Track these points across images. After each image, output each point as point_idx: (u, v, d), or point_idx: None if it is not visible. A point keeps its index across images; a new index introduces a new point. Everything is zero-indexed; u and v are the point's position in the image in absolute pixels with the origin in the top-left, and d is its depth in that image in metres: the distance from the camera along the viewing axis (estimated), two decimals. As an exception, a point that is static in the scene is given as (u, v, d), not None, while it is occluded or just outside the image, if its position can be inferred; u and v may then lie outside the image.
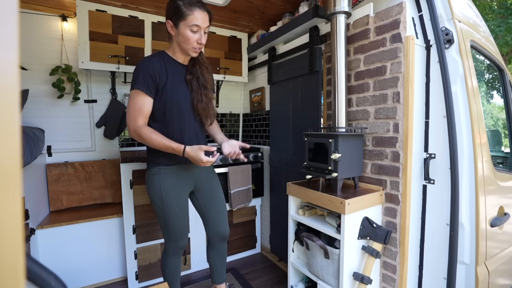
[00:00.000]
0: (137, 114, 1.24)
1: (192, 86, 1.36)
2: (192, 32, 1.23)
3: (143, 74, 1.24)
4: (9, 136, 0.23)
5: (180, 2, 1.20)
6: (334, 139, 1.33)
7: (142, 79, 1.24)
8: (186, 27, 1.22)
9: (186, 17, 1.20)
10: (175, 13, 1.22)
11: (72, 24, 2.19)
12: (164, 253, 1.50)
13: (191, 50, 1.29)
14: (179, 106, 1.33)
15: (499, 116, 4.43)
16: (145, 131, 1.24)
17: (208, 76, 1.43)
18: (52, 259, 1.87)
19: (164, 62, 1.31)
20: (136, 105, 1.25)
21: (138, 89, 1.24)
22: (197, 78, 1.37)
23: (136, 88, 1.24)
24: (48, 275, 0.36)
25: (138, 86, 1.24)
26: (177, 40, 1.28)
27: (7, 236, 0.23)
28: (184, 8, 1.19)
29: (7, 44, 0.23)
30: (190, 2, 1.20)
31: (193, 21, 1.21)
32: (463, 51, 1.28)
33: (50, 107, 2.18)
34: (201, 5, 1.22)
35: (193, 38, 1.24)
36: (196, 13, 1.21)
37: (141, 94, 1.25)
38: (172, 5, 1.23)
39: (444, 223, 1.27)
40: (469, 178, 1.26)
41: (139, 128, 1.24)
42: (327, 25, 1.76)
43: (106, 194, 2.32)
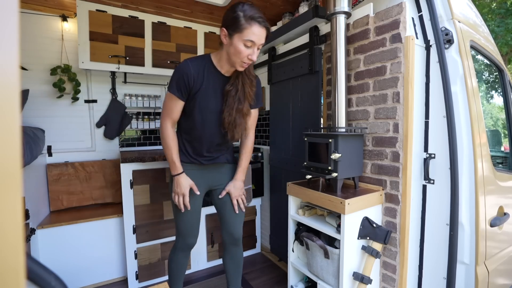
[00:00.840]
0: (167, 115, 1.32)
1: (228, 98, 1.32)
2: (246, 46, 1.17)
3: (178, 79, 1.25)
4: (10, 136, 0.23)
5: (240, 13, 1.14)
6: (334, 139, 1.33)
7: (176, 83, 1.26)
8: (241, 40, 1.15)
9: (243, 30, 1.14)
10: (232, 23, 1.15)
11: (72, 24, 2.19)
12: (173, 248, 1.54)
13: (239, 64, 1.23)
14: (204, 114, 1.32)
15: (499, 116, 4.43)
16: (167, 133, 1.33)
17: (250, 90, 1.33)
18: (52, 259, 1.87)
19: (204, 68, 1.28)
20: (168, 106, 1.31)
21: (171, 93, 1.28)
22: (236, 91, 1.31)
23: (169, 91, 1.28)
24: (49, 275, 0.37)
25: (171, 90, 1.27)
26: (227, 50, 1.22)
27: (8, 236, 0.23)
28: (243, 20, 1.13)
29: (8, 44, 0.23)
30: (251, 16, 1.13)
31: (249, 36, 1.14)
32: (463, 51, 1.28)
33: (50, 107, 2.18)
34: (261, 21, 1.15)
35: (244, 52, 1.17)
36: (254, 28, 1.14)
37: (173, 98, 1.28)
38: (231, 14, 1.16)
39: (444, 223, 1.27)
40: (469, 178, 1.26)
41: (165, 127, 1.33)
42: (327, 25, 1.76)
43: (106, 194, 2.32)
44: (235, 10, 1.16)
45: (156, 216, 2.01)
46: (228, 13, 1.18)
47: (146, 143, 2.58)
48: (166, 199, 2.04)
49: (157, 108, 2.57)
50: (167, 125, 1.33)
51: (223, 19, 1.22)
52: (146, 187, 1.96)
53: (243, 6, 1.16)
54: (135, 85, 2.48)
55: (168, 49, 2.30)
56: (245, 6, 1.15)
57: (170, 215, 2.06)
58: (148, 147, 2.58)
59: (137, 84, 2.48)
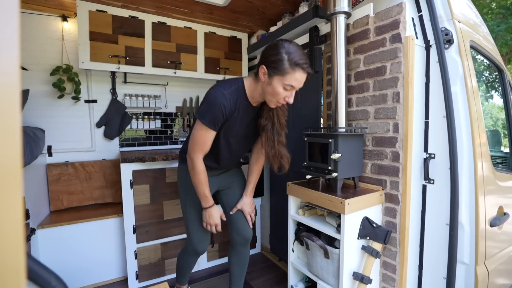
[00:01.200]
0: (199, 148, 1.25)
1: (265, 131, 1.30)
2: (284, 89, 1.12)
3: (215, 111, 1.17)
4: (10, 136, 0.23)
5: (285, 55, 1.07)
6: (334, 139, 1.33)
7: (212, 116, 1.17)
8: (281, 83, 1.10)
9: (286, 74, 1.09)
10: (275, 65, 1.09)
11: (73, 24, 2.19)
12: (184, 250, 1.62)
13: (273, 103, 1.19)
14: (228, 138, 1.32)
15: (499, 116, 4.43)
16: (199, 168, 1.28)
17: (284, 120, 1.32)
18: (52, 258, 1.87)
19: (238, 99, 1.22)
20: (201, 139, 1.24)
21: (206, 125, 1.20)
22: (272, 124, 1.28)
23: (204, 123, 1.20)
24: (49, 275, 0.37)
25: (207, 123, 1.19)
26: (264, 87, 1.16)
27: (8, 236, 0.23)
28: (287, 64, 1.07)
29: (8, 44, 0.23)
30: (297, 61, 1.07)
31: (291, 81, 1.10)
32: (462, 51, 1.28)
33: (50, 107, 2.18)
34: (306, 67, 1.10)
35: (282, 94, 1.13)
36: (298, 74, 1.10)
37: (208, 130, 1.22)
38: (275, 56, 1.09)
39: (444, 223, 1.27)
40: (469, 178, 1.26)
41: (196, 160, 1.27)
42: (327, 25, 1.76)
43: (106, 194, 2.32)
44: (279, 52, 1.09)
45: (156, 216, 2.01)
46: (270, 51, 1.12)
47: (146, 143, 2.58)
48: (166, 199, 2.04)
49: (157, 108, 2.57)
50: (199, 159, 1.26)
51: (264, 55, 1.15)
52: (146, 187, 1.96)
53: (288, 48, 1.09)
54: (135, 85, 2.48)
55: (168, 49, 2.30)
56: (290, 49, 1.09)
57: (170, 215, 2.06)
58: (148, 147, 2.58)
59: (137, 84, 2.48)
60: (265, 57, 1.14)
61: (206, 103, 1.19)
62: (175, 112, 2.70)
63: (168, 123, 2.67)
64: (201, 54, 2.45)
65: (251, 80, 1.23)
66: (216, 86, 1.22)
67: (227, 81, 1.26)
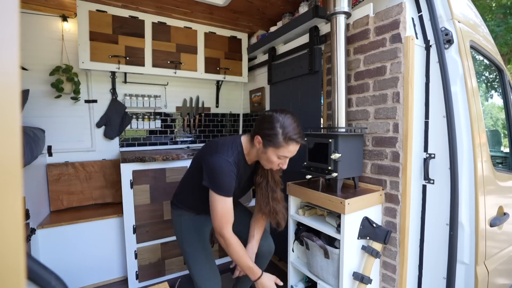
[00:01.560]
0: (226, 220, 1.19)
1: (260, 189, 1.32)
2: (278, 158, 1.18)
3: (229, 181, 1.17)
4: (10, 136, 0.23)
5: (280, 130, 1.12)
6: (334, 139, 1.33)
7: (228, 186, 1.17)
8: (275, 154, 1.16)
9: (280, 147, 1.14)
10: (269, 138, 1.14)
11: (73, 24, 2.19)
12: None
13: (267, 166, 1.25)
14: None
15: (499, 116, 4.43)
16: (234, 242, 1.20)
17: (279, 177, 1.35)
18: (52, 258, 1.87)
19: (239, 165, 1.25)
20: (224, 211, 1.18)
21: (226, 196, 1.17)
22: (266, 181, 1.32)
23: (223, 196, 1.17)
24: (49, 275, 0.37)
25: (226, 194, 1.17)
26: (258, 153, 1.22)
27: (8, 236, 0.23)
28: (281, 139, 1.12)
29: (8, 44, 0.23)
30: (290, 136, 1.12)
31: (284, 153, 1.15)
32: (462, 51, 1.28)
33: (50, 107, 2.18)
34: (299, 140, 1.15)
35: (276, 162, 1.19)
36: (291, 147, 1.15)
37: (227, 200, 1.18)
38: (269, 130, 1.14)
39: (444, 223, 1.27)
40: (469, 178, 1.26)
41: (229, 237, 1.19)
42: (327, 25, 1.76)
43: (106, 194, 2.32)
44: (274, 126, 1.13)
45: (156, 216, 2.01)
46: (266, 125, 1.16)
47: (146, 143, 2.58)
48: (166, 199, 2.04)
49: (157, 108, 2.57)
50: (230, 232, 1.19)
51: (258, 126, 1.19)
52: (146, 187, 1.96)
53: (283, 122, 1.13)
54: (135, 85, 2.48)
55: (168, 49, 2.30)
56: (285, 122, 1.13)
57: (170, 215, 2.06)
58: (148, 147, 2.58)
59: (137, 84, 2.48)
60: (260, 129, 1.17)
61: (217, 175, 1.16)
62: (175, 112, 2.70)
63: (168, 123, 2.67)
64: (201, 54, 2.45)
65: (247, 142, 1.26)
66: (218, 154, 1.18)
67: (226, 145, 1.24)
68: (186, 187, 1.41)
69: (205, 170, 1.19)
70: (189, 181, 1.40)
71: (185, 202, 1.40)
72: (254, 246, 1.42)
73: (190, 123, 2.76)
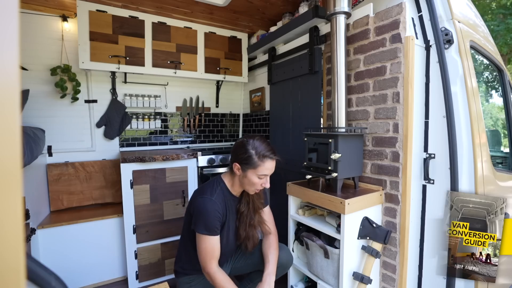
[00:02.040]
0: (210, 258, 1.22)
1: (241, 216, 1.36)
2: (259, 178, 1.23)
3: (211, 220, 1.20)
4: (10, 136, 0.23)
5: (252, 151, 1.21)
6: (334, 139, 1.33)
7: (211, 225, 1.20)
8: (255, 174, 1.22)
9: (257, 167, 1.21)
10: (246, 161, 1.21)
11: (73, 24, 2.19)
12: None
13: (252, 191, 1.29)
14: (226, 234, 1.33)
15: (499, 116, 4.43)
16: (220, 278, 1.21)
17: (259, 204, 1.40)
18: (52, 259, 1.87)
19: (225, 201, 1.30)
20: (208, 249, 1.21)
21: (211, 235, 1.21)
22: (248, 209, 1.36)
23: (207, 235, 1.21)
24: (49, 275, 0.37)
25: (209, 233, 1.20)
26: (240, 180, 1.27)
27: (8, 236, 0.23)
28: (256, 159, 1.20)
29: (8, 44, 0.23)
30: (264, 154, 1.21)
31: (262, 172, 1.22)
32: (462, 51, 1.28)
33: (50, 107, 2.18)
34: (272, 156, 1.23)
35: (258, 183, 1.24)
36: (267, 164, 1.22)
37: (211, 238, 1.22)
38: (244, 154, 1.22)
39: (444, 223, 1.27)
40: (469, 178, 1.26)
41: (213, 273, 1.21)
42: (327, 25, 1.76)
43: (106, 194, 2.32)
44: (246, 149, 1.21)
45: (156, 216, 2.01)
46: (240, 150, 1.24)
47: (146, 143, 2.58)
48: (166, 199, 2.04)
49: (157, 108, 2.57)
50: (215, 265, 1.22)
51: (234, 154, 1.27)
52: (146, 187, 1.96)
53: (253, 143, 1.22)
54: (135, 85, 2.48)
55: (168, 49, 2.30)
56: (255, 144, 1.22)
57: (170, 215, 2.06)
58: (148, 147, 2.58)
59: (137, 84, 2.48)
60: (236, 156, 1.25)
61: (201, 215, 1.21)
62: (175, 112, 2.70)
63: (168, 123, 2.67)
64: (201, 54, 2.45)
65: (228, 176, 1.33)
66: (201, 195, 1.25)
67: (208, 185, 1.30)
68: (187, 248, 1.36)
69: (194, 215, 1.23)
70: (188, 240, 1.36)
71: (191, 264, 1.35)
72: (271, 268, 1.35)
73: (190, 123, 2.76)
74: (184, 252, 1.38)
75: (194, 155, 2.15)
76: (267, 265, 1.35)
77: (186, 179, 2.13)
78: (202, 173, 2.19)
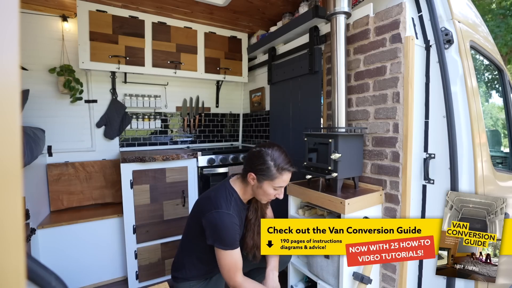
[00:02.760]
0: (234, 271, 1.17)
1: (248, 224, 1.32)
2: (274, 190, 1.21)
3: (233, 234, 1.17)
4: (10, 136, 0.23)
5: (271, 162, 1.16)
6: (334, 139, 1.33)
7: (232, 239, 1.16)
8: (271, 186, 1.19)
9: (275, 180, 1.17)
10: (263, 172, 1.17)
11: (73, 24, 2.19)
12: None
13: (264, 200, 1.26)
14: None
15: (499, 116, 4.43)
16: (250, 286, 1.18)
17: (266, 210, 1.39)
18: (52, 259, 1.87)
19: (239, 210, 1.25)
20: (232, 263, 1.16)
21: (233, 249, 1.16)
22: (256, 217, 1.33)
23: (230, 249, 1.16)
24: (49, 275, 0.37)
25: (232, 247, 1.16)
26: (254, 190, 1.23)
27: (8, 236, 0.23)
28: (274, 171, 1.16)
29: (8, 44, 0.23)
30: (282, 166, 1.17)
31: (279, 184, 1.19)
32: (462, 51, 1.28)
33: (50, 107, 2.18)
34: (290, 168, 1.19)
35: (273, 194, 1.21)
36: (285, 176, 1.18)
37: (234, 252, 1.17)
38: (262, 165, 1.17)
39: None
40: (469, 178, 1.26)
41: (240, 284, 1.17)
42: (327, 25, 1.76)
43: (107, 194, 2.32)
44: (265, 161, 1.16)
45: (156, 216, 2.01)
46: (257, 161, 1.18)
47: (146, 143, 2.58)
48: (166, 199, 2.04)
49: (157, 108, 2.57)
50: (241, 278, 1.18)
51: (250, 163, 1.21)
52: (146, 187, 1.96)
53: (272, 154, 1.17)
54: (135, 85, 2.48)
55: (168, 49, 2.30)
56: (274, 155, 1.17)
57: (170, 215, 2.06)
58: (148, 147, 2.58)
59: (137, 84, 2.48)
60: (252, 165, 1.20)
61: (220, 231, 1.15)
62: (175, 112, 2.70)
63: (168, 123, 2.67)
64: (201, 54, 2.45)
65: (240, 184, 1.27)
66: (216, 209, 1.17)
67: (220, 196, 1.23)
68: (191, 256, 1.32)
69: (208, 229, 1.17)
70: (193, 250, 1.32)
71: (192, 271, 1.31)
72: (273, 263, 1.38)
73: (190, 123, 2.76)
74: (189, 260, 1.32)
75: (194, 155, 2.15)
76: (270, 261, 1.35)
77: (186, 179, 2.13)
78: (202, 173, 2.19)
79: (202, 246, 1.23)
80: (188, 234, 1.34)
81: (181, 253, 1.36)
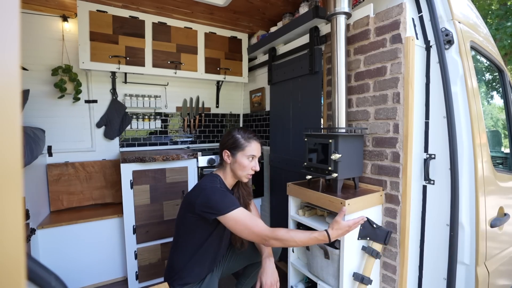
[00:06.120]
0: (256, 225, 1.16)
1: None
2: (249, 160, 1.31)
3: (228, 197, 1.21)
4: (10, 136, 0.23)
5: (238, 135, 1.32)
6: (334, 140, 1.33)
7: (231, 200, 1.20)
8: (244, 156, 1.31)
9: (245, 148, 1.31)
10: (233, 145, 1.31)
11: (73, 24, 2.19)
12: None
13: (245, 177, 1.34)
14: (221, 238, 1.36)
15: (499, 116, 4.43)
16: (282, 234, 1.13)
17: (248, 200, 1.48)
18: (52, 259, 1.87)
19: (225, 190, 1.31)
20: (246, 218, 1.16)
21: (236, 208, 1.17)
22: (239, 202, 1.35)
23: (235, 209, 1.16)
24: (49, 275, 0.37)
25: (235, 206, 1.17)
26: (232, 167, 1.34)
27: (8, 236, 0.23)
28: (243, 141, 1.31)
29: (9, 44, 0.23)
30: (248, 136, 1.33)
31: (250, 152, 1.31)
32: (463, 51, 1.28)
33: (50, 107, 2.18)
34: (257, 138, 1.36)
35: (249, 165, 1.32)
36: (253, 145, 1.32)
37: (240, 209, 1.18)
38: (230, 139, 1.33)
39: (444, 224, 1.27)
40: (469, 179, 1.26)
41: (272, 234, 1.13)
42: (327, 25, 1.76)
43: (106, 194, 2.32)
44: (233, 135, 1.33)
45: (156, 216, 2.01)
46: (227, 138, 1.35)
47: (146, 143, 2.58)
48: (166, 199, 2.04)
49: (157, 108, 2.57)
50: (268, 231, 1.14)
51: (223, 144, 1.36)
52: (146, 187, 1.96)
53: (238, 130, 1.35)
54: (135, 85, 2.48)
55: (168, 49, 2.30)
56: (240, 130, 1.35)
57: (170, 215, 2.06)
58: (148, 147, 2.59)
59: (137, 84, 2.48)
60: (224, 144, 1.35)
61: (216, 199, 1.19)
62: (175, 112, 2.71)
63: (168, 123, 2.67)
64: (201, 54, 2.46)
65: (221, 170, 1.38)
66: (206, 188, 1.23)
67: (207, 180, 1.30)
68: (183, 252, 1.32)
69: (204, 207, 1.19)
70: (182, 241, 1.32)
71: (188, 271, 1.30)
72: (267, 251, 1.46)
73: (190, 123, 2.76)
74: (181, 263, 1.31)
75: (194, 155, 2.15)
76: (263, 249, 1.44)
77: (186, 179, 2.13)
78: (202, 174, 2.19)
79: (195, 240, 1.29)
80: (179, 232, 1.35)
81: (172, 257, 1.35)
